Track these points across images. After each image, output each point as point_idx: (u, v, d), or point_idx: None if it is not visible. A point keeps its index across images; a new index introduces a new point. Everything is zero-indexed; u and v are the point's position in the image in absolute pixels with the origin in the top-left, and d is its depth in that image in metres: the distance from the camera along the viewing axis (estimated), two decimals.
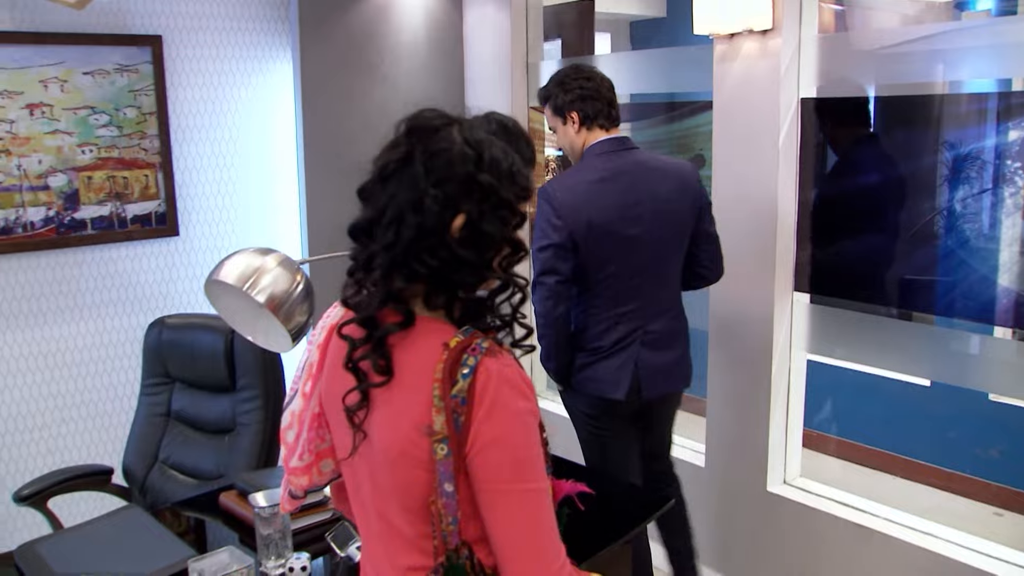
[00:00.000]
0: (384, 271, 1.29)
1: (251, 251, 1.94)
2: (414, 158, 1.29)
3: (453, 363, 1.25)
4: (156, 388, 2.96)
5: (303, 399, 1.47)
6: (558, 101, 2.82)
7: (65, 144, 3.52)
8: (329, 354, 1.44)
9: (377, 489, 1.36)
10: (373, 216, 1.31)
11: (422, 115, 1.34)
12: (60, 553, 2.10)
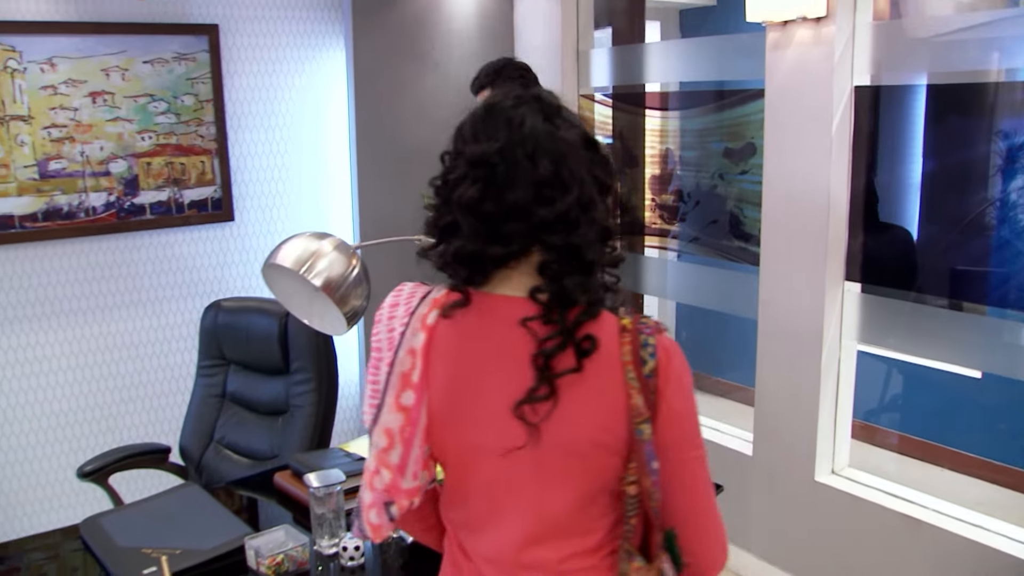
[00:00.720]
0: (567, 262, 1.25)
1: (307, 235, 1.98)
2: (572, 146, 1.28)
3: (637, 344, 1.27)
4: (212, 370, 3.03)
5: (402, 413, 1.29)
6: (504, 87, 2.93)
7: (125, 131, 3.61)
8: (445, 355, 1.30)
9: (544, 483, 1.30)
10: (563, 206, 1.23)
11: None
12: (122, 527, 2.16)
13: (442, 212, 1.31)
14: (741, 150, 3.49)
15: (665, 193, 3.94)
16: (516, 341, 1.26)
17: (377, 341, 1.34)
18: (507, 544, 1.33)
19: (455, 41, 4.08)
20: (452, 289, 1.32)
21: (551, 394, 1.24)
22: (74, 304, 3.61)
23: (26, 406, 3.58)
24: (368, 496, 1.33)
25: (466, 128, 1.30)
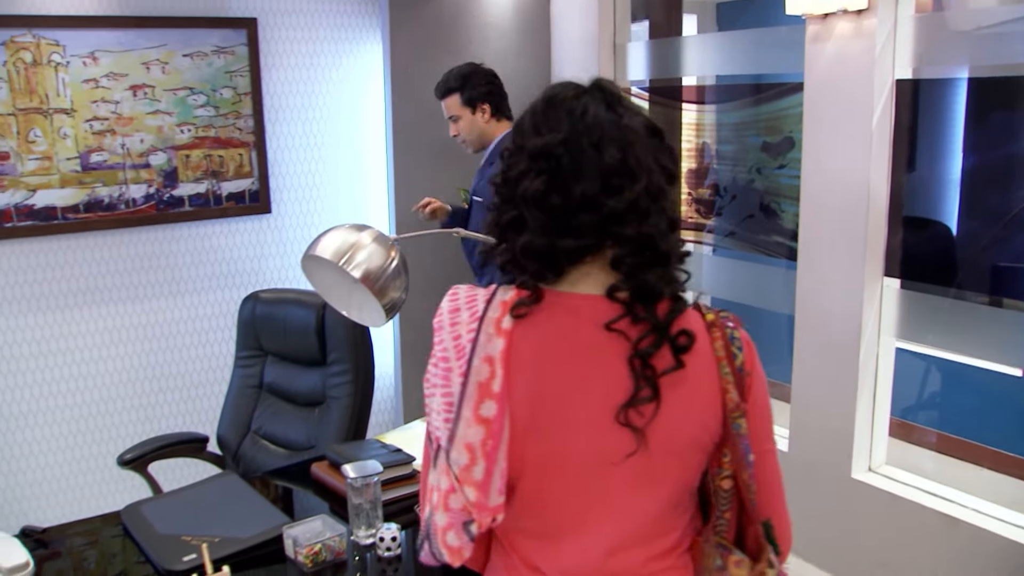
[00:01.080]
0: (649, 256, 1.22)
1: (347, 227, 1.99)
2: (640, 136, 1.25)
3: (726, 337, 1.27)
4: (249, 360, 3.06)
5: (483, 426, 1.21)
6: (472, 92, 3.32)
7: (165, 124, 3.65)
8: (526, 362, 1.24)
9: (637, 487, 1.27)
10: (632, 195, 1.20)
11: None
12: (162, 514, 2.19)
13: (504, 209, 1.28)
14: (779, 144, 3.47)
15: (701, 187, 3.92)
16: (603, 342, 1.23)
17: (443, 350, 1.25)
18: (593, 553, 1.28)
19: (492, 35, 4.08)
20: (521, 287, 1.26)
21: (655, 396, 1.21)
22: (114, 294, 3.66)
23: (67, 394, 3.64)
24: (443, 518, 1.24)
25: (526, 122, 1.27)
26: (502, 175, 1.28)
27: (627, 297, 1.22)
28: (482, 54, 4.05)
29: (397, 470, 2.25)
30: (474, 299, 1.28)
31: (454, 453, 1.22)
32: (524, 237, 1.24)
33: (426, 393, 1.28)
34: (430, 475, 1.29)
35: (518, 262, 1.26)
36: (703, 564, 1.33)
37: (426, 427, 1.33)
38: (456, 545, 1.24)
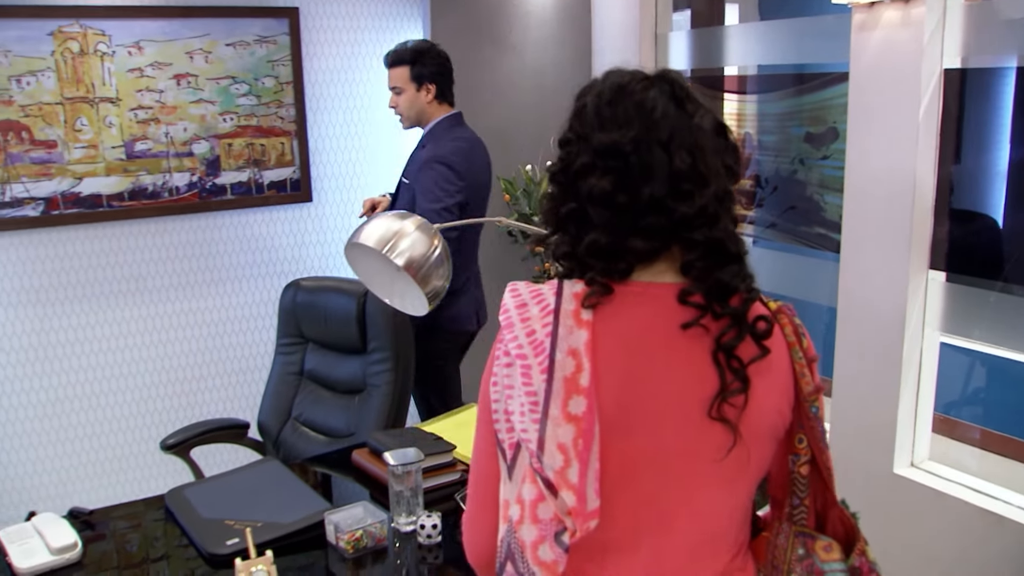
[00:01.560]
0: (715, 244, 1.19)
1: (390, 215, 2.00)
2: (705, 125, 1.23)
3: (793, 323, 1.27)
4: (290, 348, 3.08)
5: (573, 424, 1.14)
6: (422, 70, 3.27)
7: (208, 112, 3.68)
8: (609, 355, 1.19)
9: (721, 481, 1.24)
10: (702, 200, 1.18)
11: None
12: (205, 499, 2.21)
13: (562, 201, 1.24)
14: (823, 135, 3.43)
15: (743, 178, 3.89)
16: (683, 334, 1.19)
17: (517, 347, 1.18)
18: (675, 557, 1.24)
19: (532, 24, 4.07)
20: (590, 284, 1.20)
21: (745, 386, 1.18)
22: (157, 281, 3.70)
23: (111, 379, 3.69)
24: (532, 532, 1.14)
25: (589, 112, 1.22)
26: (560, 164, 1.25)
27: (701, 300, 1.18)
28: (522, 43, 4.05)
29: (438, 458, 2.25)
30: (540, 293, 1.22)
31: (547, 456, 1.13)
32: (590, 236, 1.20)
33: (493, 398, 1.21)
34: (501, 490, 1.21)
35: (580, 257, 1.22)
36: (778, 558, 1.31)
37: (477, 441, 1.27)
38: (551, 559, 1.14)
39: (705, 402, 1.17)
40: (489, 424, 1.22)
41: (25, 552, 1.95)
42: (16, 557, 1.94)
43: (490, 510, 1.24)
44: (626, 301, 1.20)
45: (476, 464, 1.28)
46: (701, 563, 1.25)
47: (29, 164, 3.42)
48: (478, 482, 1.28)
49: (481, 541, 1.26)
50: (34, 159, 3.43)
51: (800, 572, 1.28)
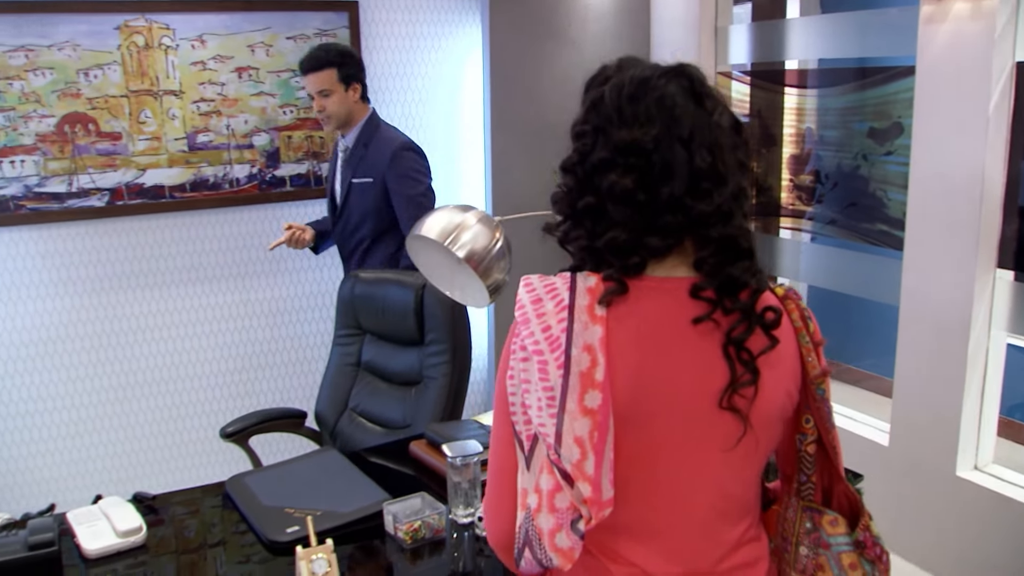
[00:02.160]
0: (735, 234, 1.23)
1: (452, 208, 2.00)
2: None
3: (800, 308, 1.31)
4: (348, 339, 3.10)
5: (589, 417, 1.17)
6: (348, 71, 3.28)
7: (268, 105, 3.72)
8: (623, 350, 1.21)
9: (732, 468, 1.28)
10: (720, 199, 1.20)
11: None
12: (265, 486, 2.24)
13: (577, 193, 1.26)
14: (887, 130, 3.37)
15: (802, 174, 3.84)
16: (694, 330, 1.22)
17: (534, 343, 1.21)
18: (695, 539, 1.29)
19: (591, 17, 4.05)
20: (607, 280, 1.23)
21: (755, 378, 1.22)
22: (218, 271, 3.76)
23: (173, 367, 3.76)
24: (549, 520, 1.19)
25: (608, 105, 1.22)
26: (578, 156, 1.25)
27: (712, 294, 1.21)
28: (580, 36, 4.03)
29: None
30: (554, 287, 1.24)
31: (564, 449, 1.17)
32: (609, 233, 1.22)
33: (509, 391, 1.24)
34: (519, 479, 1.25)
35: (598, 252, 1.25)
36: (787, 530, 1.36)
37: (495, 431, 1.31)
38: (567, 546, 1.19)
39: (716, 393, 1.21)
40: (506, 416, 1.26)
41: (93, 534, 1.99)
42: (84, 538, 1.98)
43: (509, 498, 1.28)
44: (640, 296, 1.22)
45: (495, 454, 1.32)
46: (715, 539, 1.30)
47: (95, 156, 3.49)
48: (497, 471, 1.32)
49: (500, 527, 1.31)
50: (100, 151, 3.50)
51: (808, 545, 1.35)
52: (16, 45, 3.33)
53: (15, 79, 3.35)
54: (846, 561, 1.33)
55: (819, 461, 1.36)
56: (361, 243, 3.41)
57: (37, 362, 3.56)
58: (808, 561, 1.35)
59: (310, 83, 3.28)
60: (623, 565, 1.28)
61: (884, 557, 1.36)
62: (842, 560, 1.33)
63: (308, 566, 1.72)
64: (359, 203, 3.35)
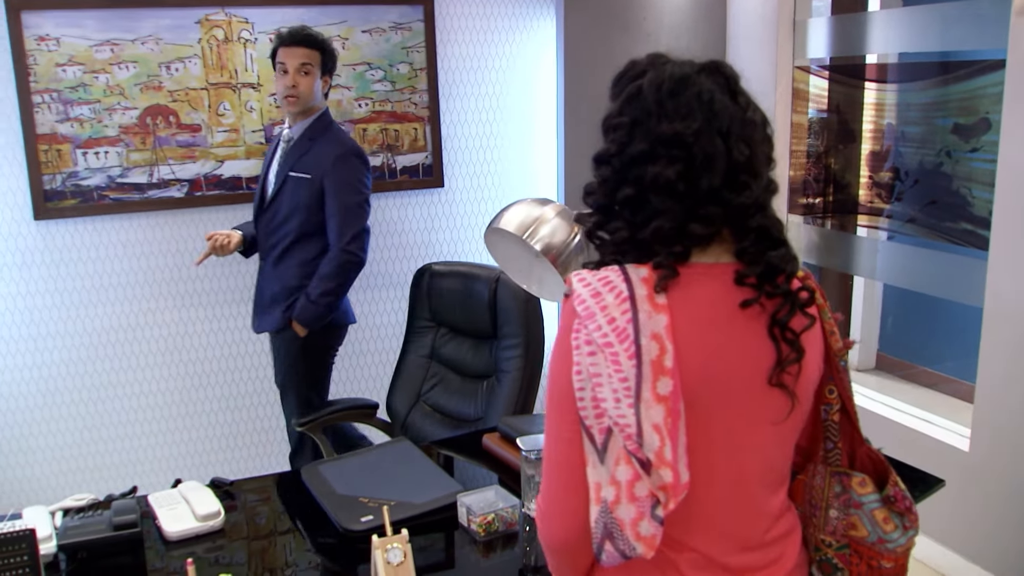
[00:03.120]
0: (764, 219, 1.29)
1: (530, 201, 2.00)
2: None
3: (819, 288, 1.37)
4: (420, 331, 3.12)
5: (663, 404, 1.21)
6: (328, 61, 3.21)
7: (344, 98, 3.76)
8: (684, 336, 1.24)
9: (780, 444, 1.36)
10: (757, 191, 1.28)
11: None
12: (340, 476, 2.26)
13: (615, 184, 1.30)
14: (973, 126, 3.27)
15: (882, 170, 3.75)
16: (742, 313, 1.28)
17: (603, 336, 1.22)
18: (743, 505, 1.34)
19: (666, 10, 4.01)
20: (657, 267, 1.25)
21: (801, 356, 1.29)
22: None
23: (248, 356, 3.82)
24: (630, 510, 1.23)
25: (647, 99, 1.27)
26: (617, 148, 1.29)
27: (755, 280, 1.27)
28: (656, 31, 3.99)
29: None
30: (608, 280, 1.25)
31: (646, 437, 1.20)
32: (654, 222, 1.26)
33: (577, 387, 1.24)
34: (590, 474, 1.26)
35: (641, 243, 1.28)
36: (816, 497, 1.46)
37: (553, 431, 1.30)
38: (650, 534, 1.22)
39: (765, 372, 1.28)
40: (569, 413, 1.27)
41: (174, 517, 2.03)
42: (165, 521, 2.02)
43: (576, 495, 1.28)
44: (691, 283, 1.26)
45: (555, 452, 1.32)
46: (763, 511, 1.37)
47: (175, 147, 3.56)
48: (559, 470, 1.31)
49: (565, 525, 1.31)
50: (180, 142, 3.57)
51: (838, 507, 1.44)
52: (102, 40, 3.41)
53: (101, 72, 3.43)
54: (879, 516, 1.42)
55: (843, 428, 1.45)
56: (283, 239, 3.22)
57: (117, 348, 3.65)
58: (838, 522, 1.44)
59: (295, 55, 3.12)
60: (685, 552, 1.31)
61: (912, 507, 1.44)
62: (875, 516, 1.42)
63: (383, 555, 1.73)
64: (291, 197, 3.19)
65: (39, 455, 3.62)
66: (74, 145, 3.44)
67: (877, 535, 1.41)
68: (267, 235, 3.27)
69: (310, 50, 3.14)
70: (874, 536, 1.42)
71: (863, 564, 1.43)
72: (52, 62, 3.37)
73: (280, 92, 3.17)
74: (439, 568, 1.97)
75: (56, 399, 3.61)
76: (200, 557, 1.94)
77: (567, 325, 1.27)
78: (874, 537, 1.42)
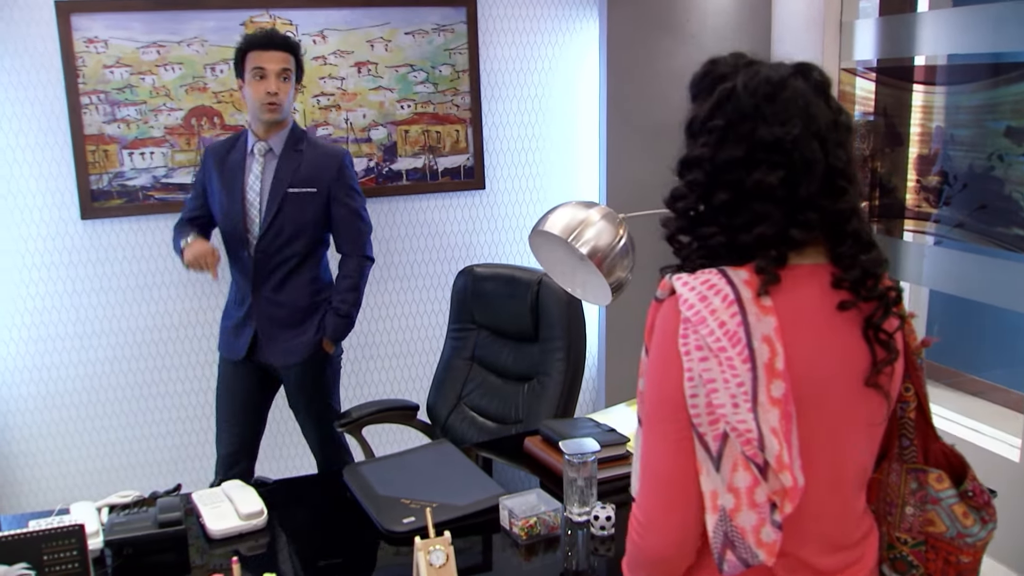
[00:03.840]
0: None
1: (575, 204, 1.98)
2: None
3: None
4: (462, 333, 3.12)
5: (777, 407, 1.20)
6: (300, 68, 3.04)
7: (386, 99, 3.77)
8: (791, 338, 1.24)
9: (870, 442, 1.38)
10: (853, 197, 1.28)
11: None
12: (381, 476, 2.26)
13: (708, 189, 1.28)
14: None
15: (930, 174, 3.69)
16: (838, 315, 1.28)
17: (715, 340, 1.21)
18: (839, 505, 1.34)
19: (710, 11, 3.98)
20: (760, 272, 1.24)
21: (896, 356, 1.30)
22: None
23: None
24: (751, 517, 1.21)
25: (743, 103, 1.24)
26: (710, 152, 1.27)
27: (850, 285, 1.27)
28: (700, 32, 3.96)
29: (612, 450, 2.23)
30: (711, 284, 1.24)
31: (767, 441, 1.20)
32: (757, 228, 1.25)
33: (690, 393, 1.22)
34: (704, 482, 1.23)
35: (738, 247, 1.27)
36: (891, 494, 1.46)
37: (657, 440, 1.28)
38: (772, 540, 1.21)
39: (861, 373, 1.28)
40: (677, 420, 1.24)
41: (218, 515, 2.05)
42: (209, 519, 2.04)
43: (685, 507, 1.26)
44: (791, 286, 1.25)
45: (659, 463, 1.28)
46: (854, 511, 1.38)
47: None
48: (667, 480, 1.27)
49: (674, 539, 1.28)
50: None
51: (914, 504, 1.44)
52: (148, 41, 3.45)
53: (147, 74, 3.47)
54: (958, 511, 1.41)
55: (917, 425, 1.45)
56: (289, 260, 3.01)
57: (162, 346, 3.68)
58: (915, 519, 1.44)
59: (274, 60, 2.90)
60: (781, 557, 1.26)
61: (990, 502, 1.45)
62: (954, 511, 1.41)
63: (426, 557, 1.73)
64: (296, 215, 2.97)
65: (84, 451, 3.67)
66: (120, 146, 3.48)
67: (956, 530, 1.41)
68: (266, 259, 3.00)
69: (288, 55, 2.95)
70: (953, 531, 1.42)
71: (940, 560, 1.44)
72: (100, 64, 3.41)
73: (259, 99, 2.91)
74: (479, 571, 1.97)
75: (101, 396, 3.65)
76: (243, 556, 1.95)
77: (671, 329, 1.25)
78: (953, 532, 1.42)
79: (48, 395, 3.59)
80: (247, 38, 2.99)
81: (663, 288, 1.29)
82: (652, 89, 3.89)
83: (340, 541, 2.06)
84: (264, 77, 2.89)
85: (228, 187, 3.01)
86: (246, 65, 2.93)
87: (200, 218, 3.13)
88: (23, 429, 3.58)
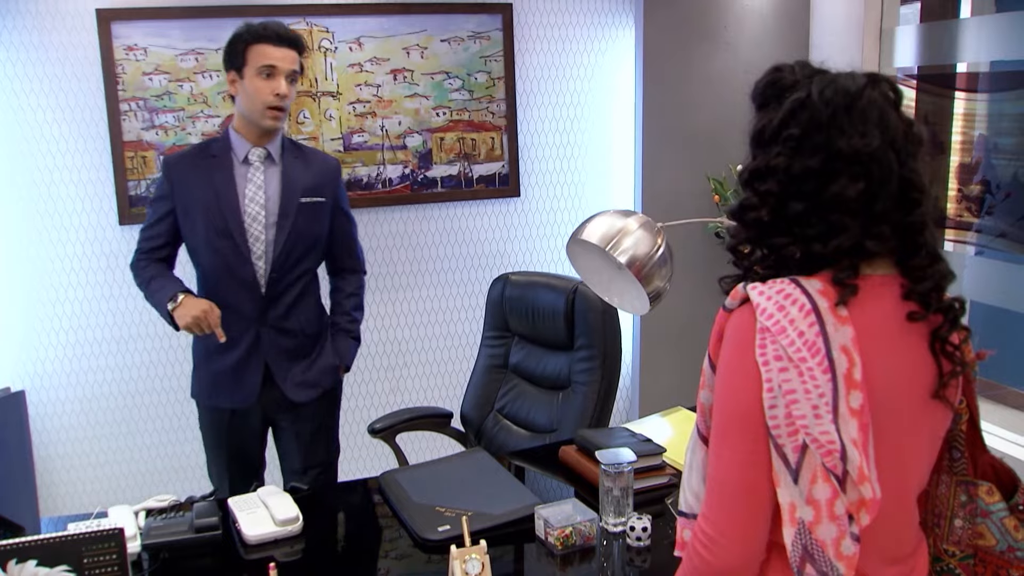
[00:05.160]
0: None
1: (613, 212, 1.97)
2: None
3: None
4: (496, 341, 3.11)
5: (855, 418, 1.20)
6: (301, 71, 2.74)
7: (422, 107, 3.78)
8: (866, 349, 1.23)
9: (931, 450, 1.37)
10: (926, 209, 1.27)
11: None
12: (416, 484, 2.26)
13: (783, 201, 1.26)
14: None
15: (971, 183, 3.64)
16: (907, 325, 1.27)
17: (796, 351, 1.20)
18: (902, 516, 1.34)
19: (747, 18, 3.95)
20: (836, 284, 1.24)
21: (964, 368, 1.30)
22: (370, 270, 3.82)
23: None
24: (831, 529, 1.21)
25: (819, 113, 1.23)
26: (786, 162, 1.25)
27: (919, 297, 1.26)
28: (737, 39, 3.93)
29: (648, 460, 2.21)
30: (787, 293, 1.23)
31: (849, 452, 1.19)
32: (835, 240, 1.24)
33: (769, 404, 1.21)
34: (782, 494, 1.22)
35: (813, 257, 1.26)
36: (940, 507, 1.44)
37: (731, 453, 1.26)
38: (851, 552, 1.21)
39: (928, 385, 1.28)
40: (754, 432, 1.23)
41: (253, 520, 2.05)
42: (245, 524, 2.04)
43: (760, 520, 1.26)
44: (864, 297, 1.24)
45: (734, 474, 1.27)
46: (914, 516, 1.38)
47: None
48: (743, 492, 1.26)
49: (748, 552, 1.28)
50: None
51: (963, 516, 1.42)
52: (187, 49, 3.48)
53: (185, 81, 3.50)
54: (1009, 524, 1.39)
55: (967, 437, 1.44)
56: (298, 281, 2.67)
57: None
58: (963, 532, 1.42)
59: (288, 59, 2.54)
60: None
61: None
62: (1005, 524, 1.39)
63: (462, 566, 1.72)
64: (308, 228, 2.65)
65: (121, 454, 3.70)
66: (158, 152, 3.51)
67: (1007, 543, 1.40)
68: (277, 280, 2.63)
69: (298, 55, 2.59)
70: (1003, 544, 1.40)
71: (989, 573, 1.43)
72: (139, 71, 3.44)
73: (264, 100, 2.51)
74: None
75: (138, 400, 3.68)
76: (279, 562, 1.95)
77: (747, 339, 1.24)
78: (1003, 545, 1.40)
79: (86, 399, 3.62)
80: (252, 29, 2.53)
81: (734, 297, 1.29)
82: (689, 97, 3.87)
83: (374, 548, 2.06)
84: (273, 76, 2.50)
85: (217, 202, 2.56)
86: (248, 59, 2.51)
87: (163, 248, 2.69)
88: (61, 432, 3.62)
